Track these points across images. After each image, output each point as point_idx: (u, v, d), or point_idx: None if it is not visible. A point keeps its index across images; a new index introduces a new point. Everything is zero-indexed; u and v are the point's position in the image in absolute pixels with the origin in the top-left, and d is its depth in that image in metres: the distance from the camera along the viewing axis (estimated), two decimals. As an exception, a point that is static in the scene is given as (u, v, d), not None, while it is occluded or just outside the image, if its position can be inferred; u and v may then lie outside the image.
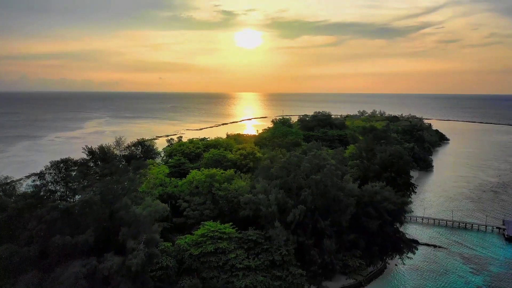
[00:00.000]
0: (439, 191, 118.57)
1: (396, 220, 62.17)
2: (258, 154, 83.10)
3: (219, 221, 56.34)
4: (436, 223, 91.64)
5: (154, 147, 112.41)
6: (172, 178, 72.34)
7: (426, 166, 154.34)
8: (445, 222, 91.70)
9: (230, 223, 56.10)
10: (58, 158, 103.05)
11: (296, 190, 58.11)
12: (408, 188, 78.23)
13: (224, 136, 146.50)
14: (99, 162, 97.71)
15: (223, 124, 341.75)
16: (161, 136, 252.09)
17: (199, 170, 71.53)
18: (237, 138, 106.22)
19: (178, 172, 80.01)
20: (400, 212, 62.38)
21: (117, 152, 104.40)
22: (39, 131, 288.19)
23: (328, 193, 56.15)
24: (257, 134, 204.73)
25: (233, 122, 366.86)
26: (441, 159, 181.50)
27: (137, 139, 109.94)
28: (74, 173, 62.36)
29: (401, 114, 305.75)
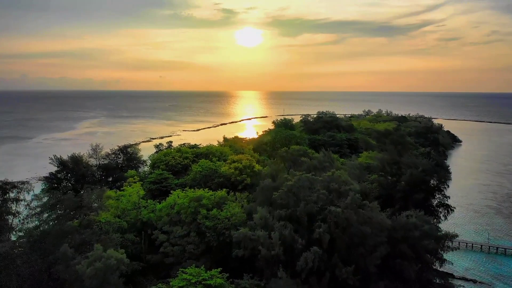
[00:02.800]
0: (464, 205, 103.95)
1: (436, 260, 47.70)
2: (257, 167, 68.56)
3: (203, 266, 41.78)
4: (469, 247, 77.18)
5: (138, 155, 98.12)
6: (149, 200, 57.80)
7: (439, 170, 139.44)
8: (479, 246, 77.24)
9: (219, 269, 41.55)
10: (39, 163, 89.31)
11: (307, 222, 43.62)
12: (440, 210, 63.49)
13: (222, 138, 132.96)
14: (69, 176, 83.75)
15: (221, 124, 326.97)
16: (155, 138, 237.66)
17: (183, 190, 57.00)
18: (233, 145, 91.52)
19: (160, 190, 65.52)
20: (442, 249, 47.94)
21: (93, 161, 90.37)
22: (29, 132, 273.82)
23: (350, 229, 41.60)
24: (257, 136, 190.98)
25: (233, 122, 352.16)
26: (457, 164, 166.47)
27: (118, 146, 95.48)
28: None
29: (409, 114, 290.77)
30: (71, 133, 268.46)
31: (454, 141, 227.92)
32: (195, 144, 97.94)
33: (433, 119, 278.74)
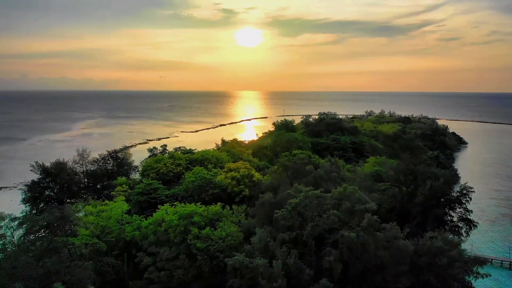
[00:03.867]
0: (476, 213, 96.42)
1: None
2: (257, 176, 62.03)
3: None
4: (487, 262, 70.55)
5: (129, 161, 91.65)
6: (134, 216, 51.23)
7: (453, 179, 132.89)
8: (500, 262, 70.70)
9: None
10: (29, 168, 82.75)
11: (315, 246, 37.10)
12: (461, 225, 56.88)
13: (220, 140, 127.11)
14: (51, 185, 77.23)
15: (221, 125, 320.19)
16: (152, 140, 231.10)
17: (172, 205, 50.46)
18: (231, 150, 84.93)
19: (148, 202, 58.92)
20: (470, 275, 41.39)
21: (79, 168, 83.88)
22: (23, 133, 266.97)
23: (366, 255, 35.08)
24: (256, 138, 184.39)
25: (232, 123, 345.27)
26: (465, 167, 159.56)
27: (107, 150, 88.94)
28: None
29: (412, 115, 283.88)
30: (66, 134, 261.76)
31: (459, 143, 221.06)
32: (190, 149, 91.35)
33: (436, 120, 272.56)
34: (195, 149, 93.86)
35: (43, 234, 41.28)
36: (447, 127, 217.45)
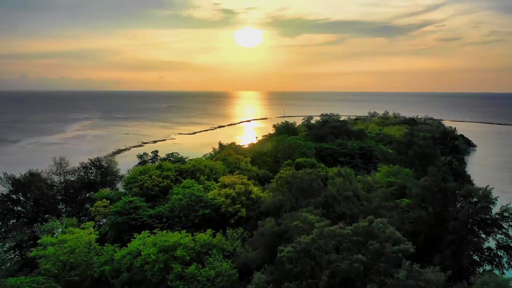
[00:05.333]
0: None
1: None
2: (255, 191, 53.00)
3: None
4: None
5: (115, 169, 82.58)
6: (105, 245, 42.10)
7: (462, 182, 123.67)
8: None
9: None
10: (15, 173, 73.79)
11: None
12: (501, 253, 47.90)
13: (218, 144, 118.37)
14: (22, 199, 68.17)
15: (219, 127, 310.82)
16: (147, 142, 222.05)
17: (152, 232, 41.46)
18: (227, 158, 75.80)
19: (128, 223, 49.84)
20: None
21: (58, 178, 74.90)
22: (15, 135, 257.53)
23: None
24: (256, 140, 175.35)
25: (231, 124, 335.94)
26: (477, 172, 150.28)
27: (89, 158, 79.84)
28: None
29: (417, 116, 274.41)
30: (59, 137, 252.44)
31: (468, 145, 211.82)
32: (181, 157, 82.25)
33: (441, 121, 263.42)
34: (187, 157, 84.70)
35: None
36: (455, 129, 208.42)
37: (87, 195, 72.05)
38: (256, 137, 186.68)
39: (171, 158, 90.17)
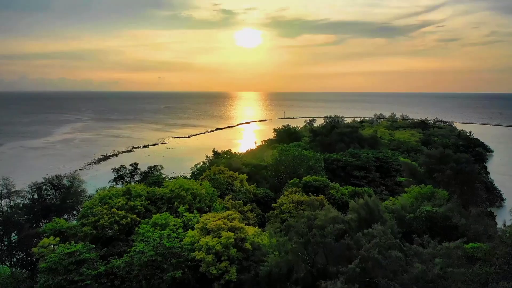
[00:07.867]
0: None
1: None
2: (251, 237, 37.00)
3: None
4: None
5: (80, 189, 66.50)
6: None
7: (494, 198, 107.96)
8: None
9: None
10: None
11: None
12: None
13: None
14: None
15: (216, 129, 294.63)
16: (138, 147, 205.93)
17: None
18: (217, 178, 59.70)
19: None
20: None
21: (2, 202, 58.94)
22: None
23: None
24: (255, 146, 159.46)
25: (229, 126, 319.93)
26: (500, 181, 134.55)
27: (44, 177, 63.67)
28: None
29: (426, 118, 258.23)
30: (44, 140, 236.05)
31: (485, 150, 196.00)
32: (158, 176, 66.13)
33: (452, 124, 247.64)
34: (167, 175, 68.60)
35: None
36: (470, 133, 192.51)
37: (35, 225, 56.21)
38: (255, 142, 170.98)
39: (153, 173, 74.39)
